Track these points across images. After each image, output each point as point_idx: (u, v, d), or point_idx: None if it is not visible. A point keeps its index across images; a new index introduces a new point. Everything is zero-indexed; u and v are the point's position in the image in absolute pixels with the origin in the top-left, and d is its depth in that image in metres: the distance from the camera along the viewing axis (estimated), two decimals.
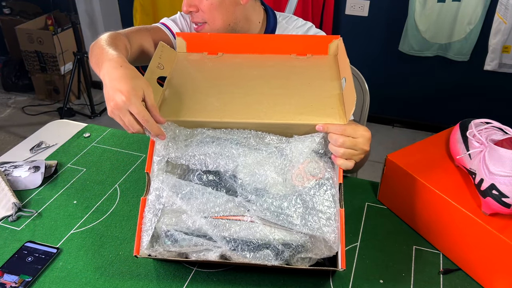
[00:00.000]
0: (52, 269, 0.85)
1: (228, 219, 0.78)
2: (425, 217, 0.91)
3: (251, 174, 0.80)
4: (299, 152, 0.79)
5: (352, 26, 2.67)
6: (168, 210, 0.80)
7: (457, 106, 2.77)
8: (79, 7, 3.05)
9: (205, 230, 0.77)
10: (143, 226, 0.78)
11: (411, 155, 0.97)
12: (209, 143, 0.81)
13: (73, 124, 1.34)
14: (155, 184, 0.81)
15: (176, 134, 0.82)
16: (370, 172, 2.49)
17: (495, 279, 0.80)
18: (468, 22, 2.41)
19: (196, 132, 0.83)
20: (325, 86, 0.87)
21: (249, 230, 0.76)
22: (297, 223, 0.76)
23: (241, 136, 0.82)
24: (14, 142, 2.73)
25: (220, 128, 0.83)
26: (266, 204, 0.78)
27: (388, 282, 0.84)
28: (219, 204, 0.79)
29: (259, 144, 0.81)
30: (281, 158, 0.80)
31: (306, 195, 0.78)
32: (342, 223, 0.75)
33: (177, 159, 0.82)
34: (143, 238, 0.77)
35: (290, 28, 1.17)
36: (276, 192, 0.79)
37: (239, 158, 0.80)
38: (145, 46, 1.08)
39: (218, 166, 0.81)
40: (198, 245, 0.77)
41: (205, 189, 0.80)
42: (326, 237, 0.75)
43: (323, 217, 0.76)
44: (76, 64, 2.82)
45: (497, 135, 0.87)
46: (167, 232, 0.79)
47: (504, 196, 0.77)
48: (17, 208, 0.97)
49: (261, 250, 0.76)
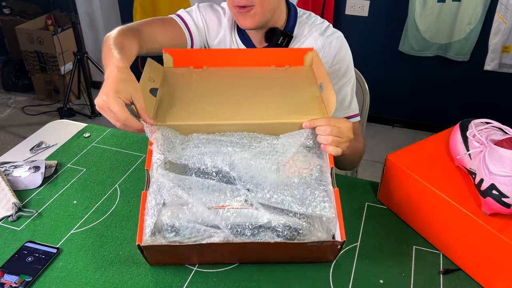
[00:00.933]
0: (52, 269, 0.85)
1: (230, 207, 0.81)
2: (425, 217, 0.91)
3: (247, 166, 0.85)
4: (289, 145, 0.87)
5: (352, 26, 2.67)
6: (169, 203, 0.82)
7: (457, 106, 2.77)
8: (79, 7, 3.05)
9: (207, 218, 0.79)
10: (146, 216, 0.79)
11: (411, 155, 0.97)
12: (205, 144, 0.87)
13: (73, 124, 1.34)
14: (155, 178, 0.84)
15: (172, 140, 0.87)
16: (370, 172, 2.50)
17: (495, 279, 0.80)
18: (468, 22, 2.41)
19: (192, 137, 0.89)
20: (306, 91, 0.97)
21: (250, 216, 0.80)
22: (295, 205, 0.81)
23: (235, 137, 0.89)
24: (14, 142, 2.73)
25: (214, 130, 0.89)
26: (265, 191, 0.82)
27: (388, 282, 0.84)
28: (219, 194, 0.82)
29: (252, 143, 0.88)
30: (273, 151, 0.87)
31: (300, 182, 0.84)
32: (338, 200, 0.81)
33: (176, 159, 0.86)
34: (146, 227, 0.78)
35: (309, 23, 1.20)
36: (271, 181, 0.84)
37: (234, 154, 0.86)
38: (158, 38, 1.13)
39: (216, 164, 0.86)
40: (200, 232, 0.79)
41: (204, 181, 0.84)
42: (325, 212, 0.80)
43: (319, 195, 0.82)
44: (76, 64, 2.82)
45: (497, 135, 0.87)
46: (169, 223, 0.80)
47: (504, 196, 0.77)
48: (17, 208, 0.97)
49: (263, 232, 0.79)
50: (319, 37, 1.18)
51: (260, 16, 1.11)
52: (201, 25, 1.22)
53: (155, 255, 0.82)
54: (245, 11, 1.09)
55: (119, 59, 0.89)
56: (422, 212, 0.92)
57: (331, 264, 0.87)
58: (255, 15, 1.10)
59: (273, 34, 1.16)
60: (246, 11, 1.09)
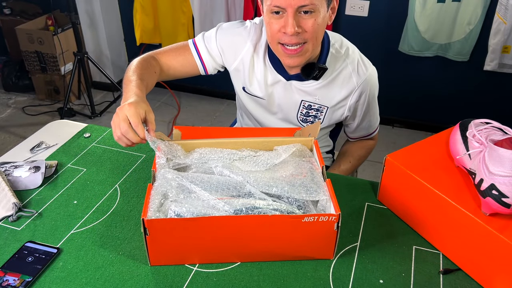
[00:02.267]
0: (52, 269, 0.85)
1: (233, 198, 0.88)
2: (425, 217, 0.91)
3: (246, 163, 0.96)
4: (283, 151, 0.98)
5: (352, 26, 2.67)
6: (174, 195, 0.87)
7: (457, 106, 2.77)
8: (79, 7, 3.05)
9: (212, 207, 0.84)
10: (150, 202, 0.84)
11: (411, 155, 0.97)
12: (207, 153, 0.98)
13: (73, 124, 1.34)
14: (161, 174, 0.90)
15: (176, 154, 0.97)
16: (370, 172, 2.50)
17: (495, 279, 0.80)
18: (468, 22, 2.41)
19: (193, 151, 0.99)
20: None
21: (252, 202, 0.86)
22: (293, 193, 0.87)
23: (235, 150, 1.01)
24: (14, 142, 2.73)
25: (215, 147, 1.01)
26: (264, 180, 0.90)
27: (388, 282, 0.84)
28: (222, 186, 0.89)
29: (250, 153, 1.00)
30: (269, 157, 0.97)
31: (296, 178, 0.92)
32: (330, 187, 0.88)
33: (180, 165, 0.97)
34: (151, 206, 0.83)
35: (342, 54, 1.16)
36: (269, 176, 0.92)
37: (235, 161, 0.97)
38: (172, 65, 1.23)
39: (217, 170, 0.94)
40: (206, 215, 0.82)
41: (208, 176, 0.92)
42: (319, 197, 0.87)
43: (313, 186, 0.89)
44: (76, 64, 2.82)
45: (496, 135, 0.87)
46: (173, 210, 0.82)
47: (504, 196, 0.77)
48: (17, 208, 0.97)
49: (262, 213, 0.85)
50: (353, 73, 1.16)
51: (309, 53, 1.08)
52: (215, 52, 1.22)
53: (157, 242, 0.82)
54: (298, 50, 1.05)
55: (137, 89, 1.01)
56: (422, 212, 0.92)
57: (331, 264, 0.87)
58: (306, 53, 1.07)
59: (311, 70, 1.12)
60: (300, 49, 1.05)
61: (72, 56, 2.91)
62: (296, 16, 1.00)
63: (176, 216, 0.82)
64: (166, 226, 0.80)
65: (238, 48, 1.20)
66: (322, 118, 1.22)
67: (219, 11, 2.79)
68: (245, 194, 0.88)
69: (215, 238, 0.83)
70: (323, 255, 0.88)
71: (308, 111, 1.21)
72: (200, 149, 0.99)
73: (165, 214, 0.83)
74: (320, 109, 1.20)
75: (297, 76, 1.16)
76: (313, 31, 1.03)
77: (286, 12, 1.00)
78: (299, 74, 1.15)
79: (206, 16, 2.83)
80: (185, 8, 2.89)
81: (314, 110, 1.21)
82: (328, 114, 1.21)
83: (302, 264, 0.87)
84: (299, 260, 0.88)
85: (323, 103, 1.19)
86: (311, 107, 1.20)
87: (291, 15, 0.99)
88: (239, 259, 0.87)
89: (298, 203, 0.87)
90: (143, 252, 0.89)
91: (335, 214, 0.80)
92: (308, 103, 1.20)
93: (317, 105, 1.20)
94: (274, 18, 1.03)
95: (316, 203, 0.88)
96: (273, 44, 1.09)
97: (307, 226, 0.81)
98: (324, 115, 1.22)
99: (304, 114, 1.22)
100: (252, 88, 1.23)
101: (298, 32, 1.01)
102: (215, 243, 0.85)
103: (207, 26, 2.84)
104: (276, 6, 1.00)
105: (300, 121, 1.24)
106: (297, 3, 0.98)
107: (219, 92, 3.20)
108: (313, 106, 1.20)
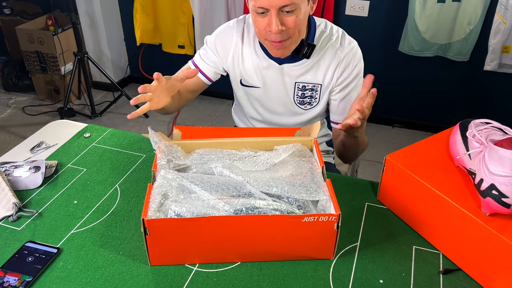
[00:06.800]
0: (52, 269, 0.85)
1: (233, 198, 0.88)
2: (425, 217, 0.91)
3: (246, 163, 0.97)
4: (283, 151, 0.99)
5: (352, 26, 2.67)
6: (174, 195, 0.87)
7: (457, 106, 2.77)
8: (79, 7, 3.05)
9: (212, 207, 0.84)
10: (151, 202, 0.84)
11: (411, 155, 0.97)
12: (207, 154, 0.99)
13: (73, 124, 1.34)
14: (161, 174, 0.91)
15: (176, 155, 0.98)
16: (370, 172, 2.50)
17: (495, 279, 0.80)
18: (468, 22, 2.41)
19: (193, 152, 1.00)
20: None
21: (252, 202, 0.86)
22: (293, 193, 0.88)
23: (235, 150, 1.01)
24: (14, 142, 2.73)
25: (214, 147, 1.02)
26: (264, 180, 0.90)
27: (388, 282, 0.84)
28: (223, 186, 0.89)
29: (250, 153, 1.01)
30: (269, 157, 0.98)
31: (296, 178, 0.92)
32: (330, 187, 0.88)
33: (180, 166, 0.97)
34: (151, 206, 0.83)
35: (327, 33, 1.23)
36: (269, 176, 0.92)
37: (235, 161, 0.98)
38: (185, 85, 1.29)
39: (217, 170, 0.95)
40: (206, 215, 0.82)
41: (208, 176, 0.93)
42: (319, 197, 0.87)
43: (313, 186, 0.89)
44: (77, 64, 2.82)
45: (496, 135, 0.87)
46: (173, 210, 0.83)
47: (503, 196, 0.77)
48: (17, 208, 0.97)
49: (262, 213, 0.85)
50: (339, 49, 1.22)
51: (294, 44, 1.16)
52: (212, 58, 1.30)
53: (157, 242, 0.82)
54: (281, 44, 1.12)
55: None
56: (422, 212, 0.92)
57: (331, 264, 0.87)
58: (290, 45, 1.14)
59: (300, 47, 1.18)
60: (282, 44, 1.12)
61: (72, 56, 2.91)
62: (279, 14, 1.07)
63: (176, 216, 0.82)
64: (166, 226, 0.80)
65: (227, 43, 1.28)
66: (318, 98, 1.27)
67: (219, 11, 2.79)
68: (245, 194, 0.88)
69: (215, 238, 0.83)
70: (323, 255, 0.88)
71: (303, 92, 1.27)
72: (200, 150, 1.01)
73: (165, 214, 0.83)
74: (314, 88, 1.26)
75: (289, 58, 1.21)
76: (295, 26, 1.10)
77: (269, 12, 1.07)
78: (290, 55, 1.20)
79: (206, 16, 2.83)
80: (185, 8, 2.89)
81: (309, 90, 1.26)
82: (323, 92, 1.26)
83: (302, 264, 0.87)
84: (299, 260, 0.88)
85: (315, 81, 1.25)
86: (305, 87, 1.26)
87: (274, 15, 1.06)
88: (239, 259, 0.87)
89: (298, 203, 0.87)
90: (143, 252, 0.89)
91: (335, 214, 0.80)
92: (302, 84, 1.25)
93: (310, 85, 1.25)
94: (259, 17, 1.10)
95: (316, 203, 0.88)
96: (261, 39, 1.17)
97: (307, 226, 0.81)
98: (319, 94, 1.27)
99: (300, 96, 1.27)
100: (247, 76, 1.28)
101: (282, 30, 1.08)
102: (215, 243, 0.84)
103: (207, 26, 2.84)
104: (260, 7, 1.07)
105: (298, 103, 1.29)
106: (278, 4, 1.05)
107: (219, 92, 3.20)
108: (307, 86, 1.25)
